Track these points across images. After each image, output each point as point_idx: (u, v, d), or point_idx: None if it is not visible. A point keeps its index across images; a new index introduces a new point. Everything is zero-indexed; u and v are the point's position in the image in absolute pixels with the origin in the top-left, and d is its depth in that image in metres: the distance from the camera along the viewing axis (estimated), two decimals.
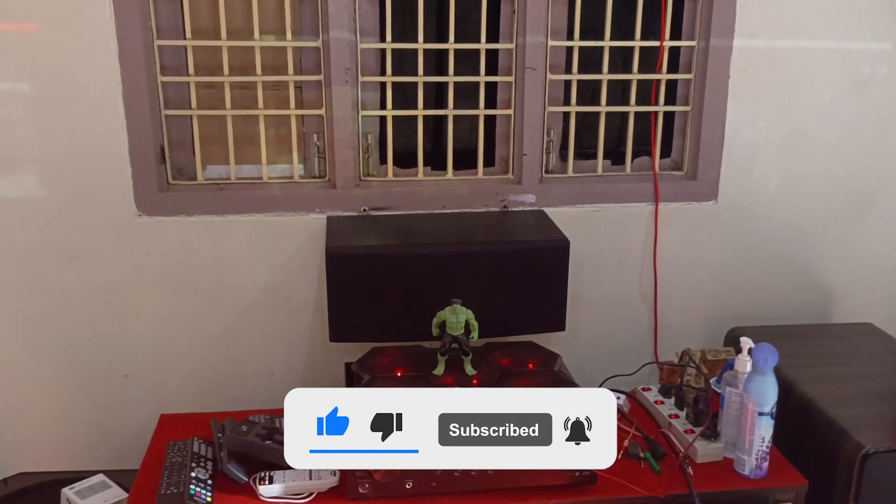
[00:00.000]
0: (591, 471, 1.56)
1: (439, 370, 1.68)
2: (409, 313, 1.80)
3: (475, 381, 1.65)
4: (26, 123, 1.82)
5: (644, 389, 1.93)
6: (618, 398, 1.85)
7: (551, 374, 1.71)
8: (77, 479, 1.87)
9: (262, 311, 1.99)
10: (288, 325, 2.01)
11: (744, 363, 1.65)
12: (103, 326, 1.96)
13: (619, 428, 1.76)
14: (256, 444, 1.61)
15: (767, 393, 1.58)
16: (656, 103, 2.09)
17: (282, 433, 1.62)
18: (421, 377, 1.67)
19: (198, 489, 1.54)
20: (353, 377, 1.70)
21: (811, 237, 2.21)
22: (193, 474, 1.57)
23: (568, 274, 1.89)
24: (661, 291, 2.16)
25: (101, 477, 1.87)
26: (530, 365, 1.75)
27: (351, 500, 1.54)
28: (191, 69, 1.90)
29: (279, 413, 1.82)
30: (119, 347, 1.98)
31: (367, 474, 1.51)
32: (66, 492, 1.82)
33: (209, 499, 1.53)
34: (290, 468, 1.58)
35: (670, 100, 2.11)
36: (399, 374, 1.68)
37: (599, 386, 1.95)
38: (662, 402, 1.86)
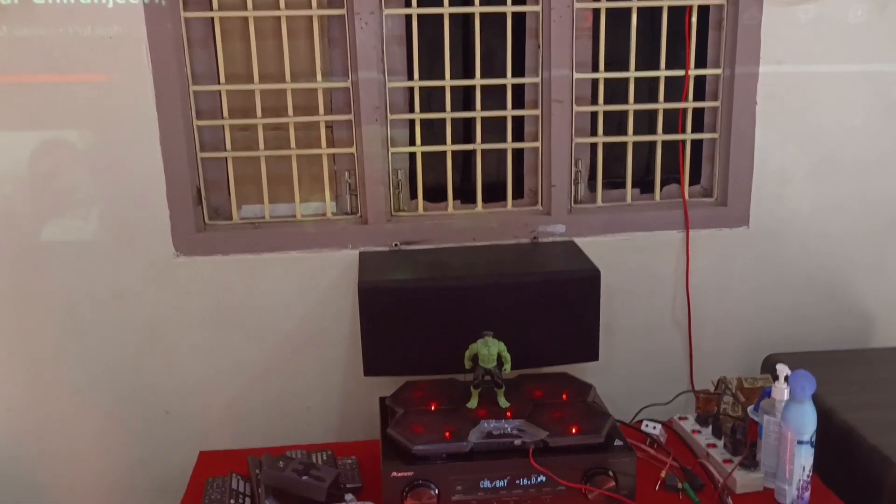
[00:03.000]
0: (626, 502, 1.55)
1: (472, 403, 1.68)
2: (441, 346, 1.82)
3: (508, 414, 1.66)
4: (72, 170, 1.89)
5: (680, 419, 1.92)
6: (654, 428, 1.84)
7: (585, 405, 1.70)
8: None
9: (297, 346, 2.03)
10: (323, 359, 2.04)
11: (781, 391, 1.64)
12: (145, 363, 2.00)
13: (655, 459, 1.76)
14: (293, 480, 1.63)
15: (806, 421, 1.56)
16: (683, 131, 2.10)
17: (318, 468, 1.64)
18: (454, 410, 1.68)
19: None
20: (388, 412, 1.72)
21: (846, 261, 2.19)
22: None
23: (600, 303, 1.89)
24: (694, 319, 2.15)
25: None
26: (563, 396, 1.75)
27: None
28: (225, 112, 1.96)
29: (316, 448, 1.85)
30: (160, 384, 2.02)
31: None
32: None
33: None
34: (328, 503, 1.60)
35: (697, 127, 2.12)
36: (433, 408, 1.70)
37: (635, 416, 1.95)
38: (699, 432, 1.85)
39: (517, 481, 1.54)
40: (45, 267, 1.93)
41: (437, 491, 1.52)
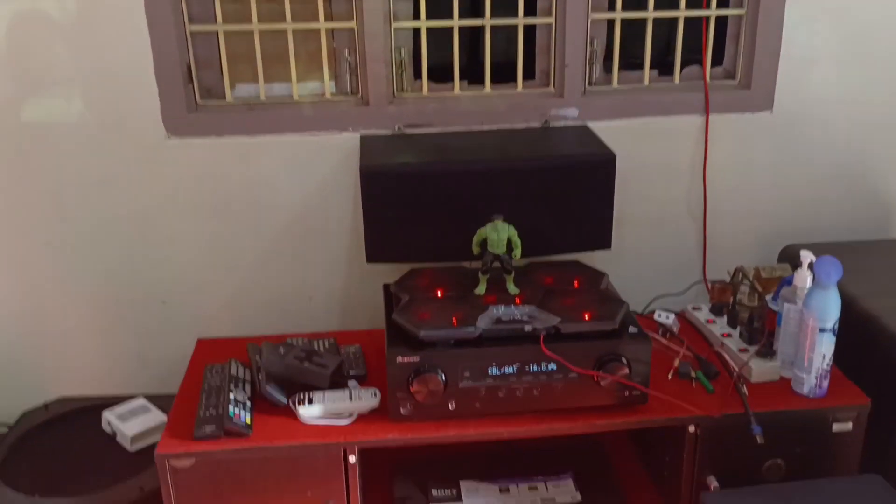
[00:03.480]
0: (641, 390, 1.50)
1: (480, 289, 1.61)
2: (447, 232, 1.74)
3: (518, 301, 1.59)
4: (50, 46, 1.76)
5: (694, 309, 1.85)
6: (667, 318, 1.78)
7: (598, 292, 1.63)
8: (117, 404, 1.86)
9: (297, 234, 1.94)
10: (324, 247, 1.95)
11: (804, 278, 1.56)
12: (138, 252, 1.93)
13: (668, 348, 1.71)
14: (295, 367, 1.57)
15: (829, 308, 1.50)
16: (708, 7, 1.96)
17: (320, 355, 1.58)
18: (462, 297, 1.61)
19: (237, 410, 1.51)
20: (392, 299, 1.65)
21: (872, 149, 2.08)
22: (232, 396, 1.55)
23: (614, 190, 1.80)
24: (710, 208, 2.06)
25: (141, 401, 1.87)
26: (575, 283, 1.68)
27: (393, 421, 1.50)
28: None
29: (317, 336, 1.79)
30: (155, 273, 1.95)
31: (409, 395, 1.47)
32: (107, 414, 1.82)
33: (248, 420, 1.51)
34: (329, 389, 1.55)
35: (723, 3, 1.98)
36: (439, 295, 1.63)
37: (647, 306, 1.89)
38: (714, 322, 1.79)
39: (527, 367, 1.49)
40: (28, 151, 1.83)
41: (444, 377, 1.47)
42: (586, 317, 1.52)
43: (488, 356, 1.47)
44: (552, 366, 1.49)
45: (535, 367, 1.48)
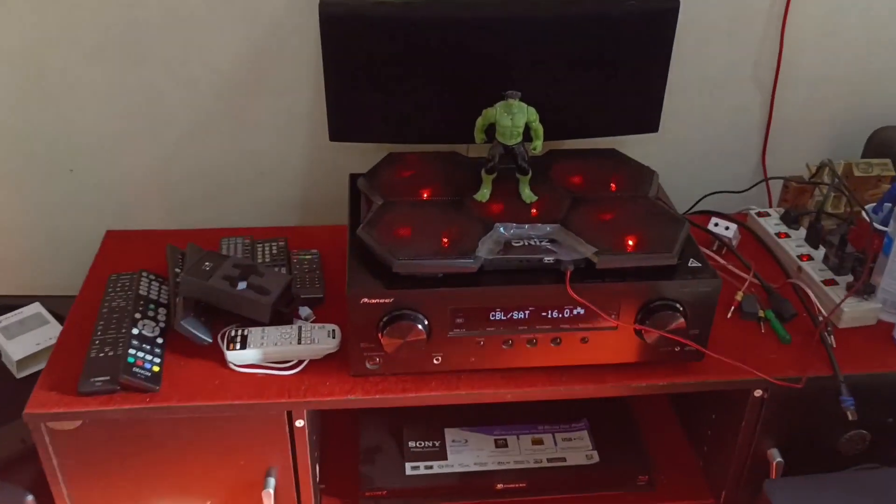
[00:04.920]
0: (699, 350, 1.09)
1: (484, 195, 1.16)
2: (440, 105, 1.26)
3: (534, 212, 1.14)
4: None
5: (760, 215, 1.41)
6: (726, 229, 1.34)
7: (645, 202, 1.18)
8: (9, 310, 1.44)
9: (242, 94, 1.44)
10: (278, 113, 1.46)
11: None
12: (33, 107, 1.43)
13: (728, 272, 1.29)
14: (224, 292, 1.14)
15: None
16: None
17: (261, 272, 1.15)
18: (456, 204, 1.15)
19: (140, 355, 1.10)
20: (360, 200, 1.19)
21: None
22: (136, 330, 1.13)
23: (672, 50, 1.30)
24: (783, 75, 1.56)
25: (36, 307, 1.44)
26: (612, 185, 1.22)
27: (355, 377, 1.10)
28: None
29: (265, 234, 1.36)
30: (57, 134, 1.46)
31: (378, 347, 1.05)
32: None
33: (156, 368, 1.09)
34: (270, 324, 1.13)
35: None
36: (425, 198, 1.17)
37: (695, 204, 1.45)
38: (788, 236, 1.35)
39: (544, 314, 1.06)
40: None
41: (427, 323, 1.04)
42: (630, 243, 1.08)
43: (491, 297, 1.05)
44: (579, 310, 1.06)
45: (555, 314, 1.06)
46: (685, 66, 1.49)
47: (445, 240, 1.07)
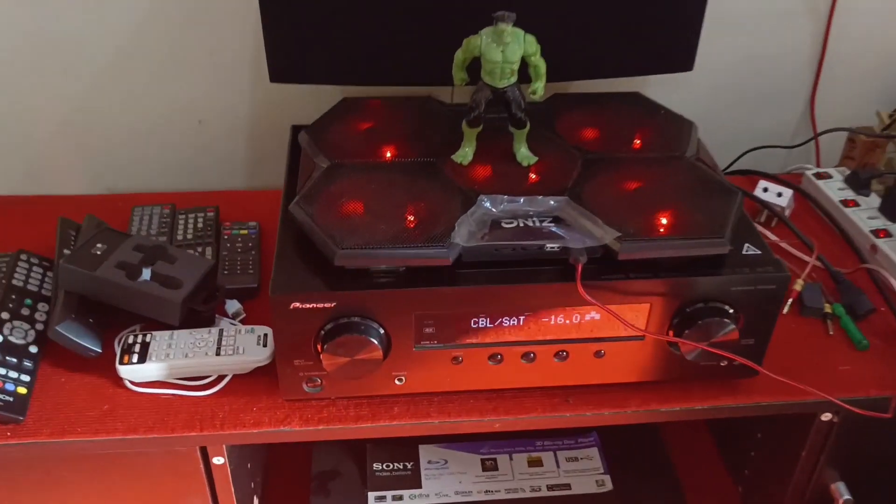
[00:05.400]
0: (754, 369, 0.80)
1: (464, 155, 0.86)
2: (408, 34, 0.95)
3: (533, 177, 0.84)
4: None
5: (820, 177, 1.12)
6: (778, 196, 1.05)
7: (683, 165, 0.88)
8: None
9: (171, 25, 1.12)
10: (214, 46, 1.14)
11: None
12: None
13: (782, 253, 1.00)
14: (117, 286, 0.85)
15: None
16: None
17: (171, 257, 0.87)
18: (429, 167, 0.86)
19: (1, 373, 0.81)
20: (300, 161, 0.90)
21: None
22: (1, 336, 0.84)
23: None
24: (841, 4, 1.25)
25: None
26: (637, 142, 0.92)
27: (289, 401, 0.82)
28: None
29: (190, 200, 1.07)
30: None
31: (318, 363, 0.77)
32: None
33: (21, 390, 0.81)
34: (177, 328, 0.85)
35: None
36: (387, 159, 0.87)
37: (733, 162, 1.16)
38: (857, 204, 1.06)
39: (545, 321, 0.78)
40: None
41: (383, 334, 0.76)
42: (664, 223, 0.78)
43: (472, 299, 0.76)
44: (593, 315, 0.78)
45: (560, 320, 0.78)
46: None
47: (411, 218, 0.78)
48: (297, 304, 0.73)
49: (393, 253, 0.74)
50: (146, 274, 0.87)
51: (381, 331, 0.76)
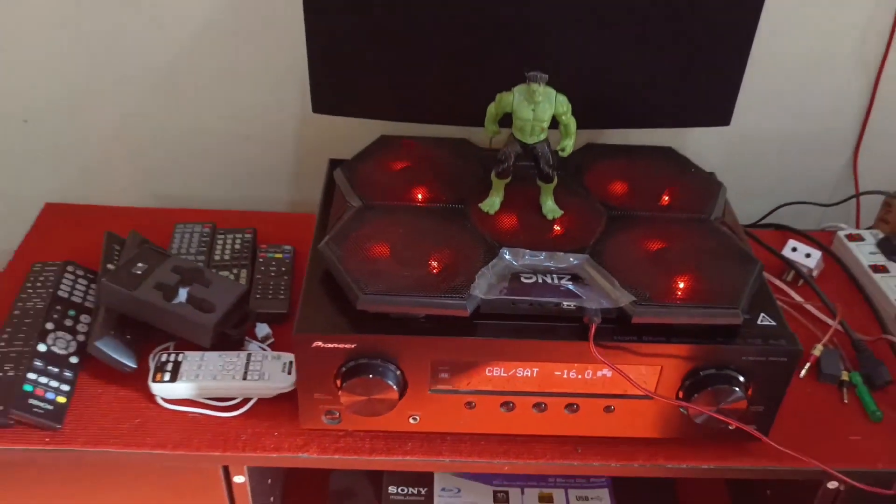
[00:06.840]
0: (759, 438, 0.82)
1: (492, 204, 0.89)
2: (449, 75, 0.98)
3: (558, 229, 0.87)
4: None
5: (851, 238, 1.12)
6: (807, 256, 1.06)
7: (706, 228, 0.90)
8: None
9: (221, 44, 1.17)
10: (268, 63, 1.19)
11: None
12: None
13: (805, 314, 1.01)
14: (154, 307, 0.90)
15: None
16: None
17: (206, 281, 0.91)
18: (457, 213, 0.88)
19: (43, 381, 0.87)
20: (335, 198, 0.93)
21: None
22: (43, 346, 0.90)
23: (758, 21, 1.00)
24: (893, 58, 1.24)
25: None
26: (665, 198, 0.94)
27: (310, 429, 0.85)
28: None
29: (230, 221, 1.12)
30: (8, 84, 1.22)
31: (337, 398, 0.80)
32: None
33: (61, 399, 0.86)
34: (212, 349, 0.89)
35: None
36: (418, 202, 0.91)
37: (765, 217, 1.17)
38: (887, 270, 1.06)
39: (558, 374, 0.80)
40: None
41: (399, 375, 0.79)
42: (680, 287, 0.80)
43: (487, 350, 0.78)
44: (605, 372, 0.80)
45: (572, 374, 0.80)
46: (766, 40, 1.17)
47: (434, 264, 0.81)
48: (320, 344, 0.77)
49: (413, 301, 0.77)
50: (182, 295, 0.91)
51: (398, 373, 0.79)
